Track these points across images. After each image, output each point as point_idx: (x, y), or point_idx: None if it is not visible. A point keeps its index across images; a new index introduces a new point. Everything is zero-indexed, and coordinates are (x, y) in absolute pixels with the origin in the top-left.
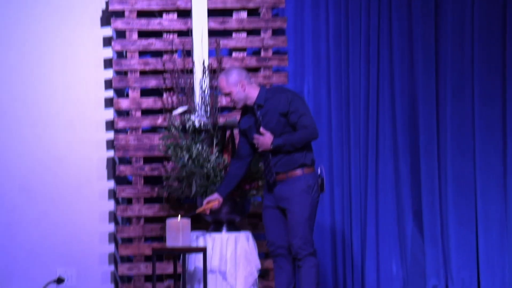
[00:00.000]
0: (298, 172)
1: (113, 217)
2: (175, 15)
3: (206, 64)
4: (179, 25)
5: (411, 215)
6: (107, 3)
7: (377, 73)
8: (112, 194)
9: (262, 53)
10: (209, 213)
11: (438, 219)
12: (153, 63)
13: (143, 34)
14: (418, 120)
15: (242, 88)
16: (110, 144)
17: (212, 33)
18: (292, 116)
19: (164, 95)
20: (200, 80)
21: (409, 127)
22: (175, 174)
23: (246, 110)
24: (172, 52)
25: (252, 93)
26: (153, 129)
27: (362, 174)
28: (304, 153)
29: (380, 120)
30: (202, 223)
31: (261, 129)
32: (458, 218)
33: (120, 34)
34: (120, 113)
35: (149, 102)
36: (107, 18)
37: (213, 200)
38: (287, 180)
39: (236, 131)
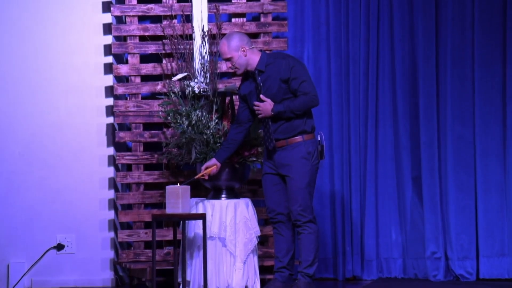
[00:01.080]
0: (298, 138)
1: (112, 183)
2: None
3: (206, 29)
4: None
5: (411, 181)
6: None
7: (377, 38)
8: (112, 160)
9: (262, 19)
10: (208, 178)
11: (438, 185)
12: (153, 29)
13: None
14: (418, 85)
15: (244, 53)
16: (110, 110)
17: None
18: (293, 83)
19: (164, 61)
20: (199, 46)
21: (409, 92)
22: (174, 141)
23: (247, 75)
24: (171, 17)
25: (253, 58)
26: (153, 95)
27: (362, 140)
28: (304, 120)
29: (380, 86)
30: (201, 190)
31: (262, 96)
32: (457, 183)
33: None
34: (120, 79)
35: (148, 68)
36: None
37: (211, 166)
38: (287, 146)
39: (235, 97)
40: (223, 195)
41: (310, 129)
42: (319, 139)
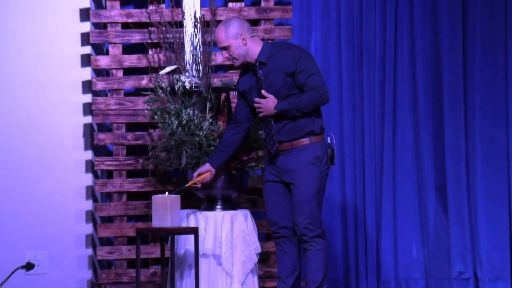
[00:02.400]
0: (305, 141)
1: (90, 192)
2: None
3: (198, 16)
4: None
5: (434, 190)
6: None
7: (394, 25)
8: (90, 166)
9: (263, 3)
10: (201, 187)
11: (465, 194)
12: (137, 15)
13: None
14: (442, 78)
15: (243, 41)
16: (88, 109)
17: None
18: (299, 76)
19: (150, 52)
20: (191, 35)
21: (432, 86)
22: (162, 144)
23: (246, 68)
24: (158, 1)
25: (254, 48)
26: (137, 92)
27: (377, 142)
28: (312, 119)
29: (398, 80)
30: (193, 200)
31: (263, 91)
32: (487, 192)
33: None
34: (99, 72)
35: (132, 60)
36: None
37: (204, 172)
38: (292, 150)
39: (233, 94)
40: (218, 206)
41: (318, 130)
42: (329, 141)
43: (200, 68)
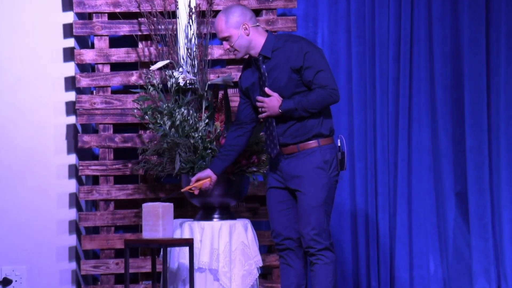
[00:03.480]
0: (313, 143)
1: (74, 200)
2: None
3: (193, 5)
4: None
5: (454, 198)
6: None
7: (410, 16)
8: (74, 171)
9: None
10: (198, 193)
11: (488, 202)
12: (125, 4)
13: None
14: (463, 75)
15: (246, 31)
16: (71, 108)
17: None
18: (307, 73)
19: (140, 45)
20: (185, 26)
21: (451, 83)
22: (153, 146)
23: (249, 63)
24: None
25: (257, 40)
26: (126, 89)
27: (391, 145)
28: (321, 120)
29: (414, 76)
30: (188, 209)
31: (267, 89)
32: None
33: None
34: (84, 68)
35: (120, 54)
36: None
37: (204, 178)
38: (299, 153)
39: (231, 91)
40: (215, 215)
41: (327, 132)
42: (339, 144)
43: (195, 63)
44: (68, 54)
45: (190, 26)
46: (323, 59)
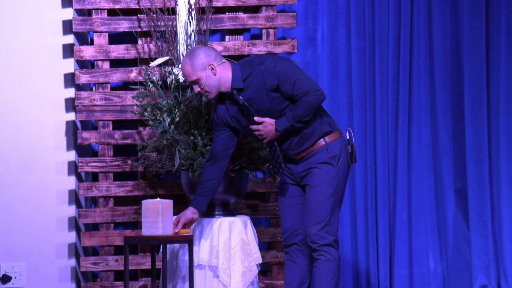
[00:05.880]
0: (320, 142)
1: (74, 197)
2: None
3: (193, 1)
4: None
5: (453, 195)
6: None
7: (410, 12)
8: (73, 168)
9: None
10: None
11: (488, 199)
12: (125, 0)
13: None
14: (463, 71)
15: (212, 72)
16: (70, 104)
17: None
18: (284, 88)
19: (139, 42)
20: (184, 23)
21: (451, 79)
22: (153, 143)
23: (222, 98)
24: None
25: (225, 76)
26: (125, 85)
27: (391, 142)
28: (317, 122)
29: (414, 72)
30: (187, 205)
31: (256, 118)
32: None
33: None
34: (83, 64)
35: (119, 51)
36: None
37: (189, 221)
38: (309, 155)
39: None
40: (215, 212)
41: (328, 127)
42: (347, 137)
43: None
44: (68, 51)
45: (190, 22)
46: (292, 67)
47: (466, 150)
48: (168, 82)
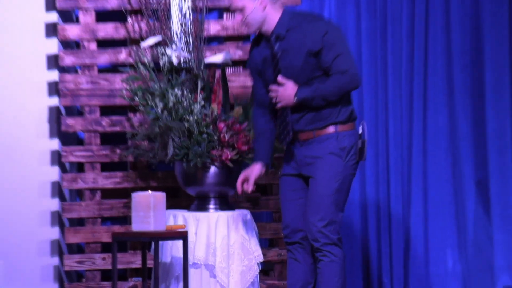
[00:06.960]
0: (330, 129)
1: (57, 189)
2: None
3: None
4: None
5: (474, 187)
6: None
7: None
8: (57, 157)
9: None
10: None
11: None
12: None
13: None
14: (483, 51)
15: (262, 5)
16: (54, 88)
17: None
18: (325, 57)
19: (129, 20)
20: (178, 0)
21: (470, 61)
22: (144, 130)
23: (257, 40)
24: None
25: (273, 16)
26: (114, 68)
27: (405, 129)
28: (338, 109)
29: (430, 53)
30: (181, 198)
31: (279, 78)
32: None
33: None
34: (68, 44)
35: (107, 30)
36: None
37: (258, 176)
38: (314, 139)
39: (229, 71)
40: (211, 206)
41: (345, 118)
42: (360, 131)
43: (190, 39)
44: (51, 30)
45: None
46: (343, 41)
47: (487, 137)
48: (161, 64)
